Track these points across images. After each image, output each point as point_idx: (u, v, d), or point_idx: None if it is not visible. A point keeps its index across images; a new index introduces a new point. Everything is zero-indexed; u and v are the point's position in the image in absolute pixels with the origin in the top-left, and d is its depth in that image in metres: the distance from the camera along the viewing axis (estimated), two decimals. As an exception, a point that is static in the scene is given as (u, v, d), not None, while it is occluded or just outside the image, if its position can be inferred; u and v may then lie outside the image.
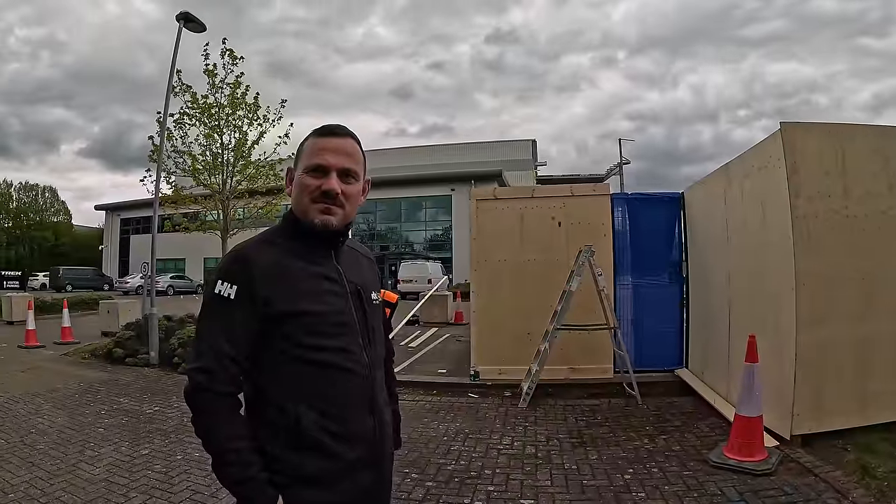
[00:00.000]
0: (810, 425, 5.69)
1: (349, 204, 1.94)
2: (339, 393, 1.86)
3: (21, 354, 13.33)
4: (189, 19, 12.94)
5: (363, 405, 1.92)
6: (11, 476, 5.44)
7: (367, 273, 2.12)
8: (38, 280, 48.92)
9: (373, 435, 1.93)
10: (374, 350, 1.99)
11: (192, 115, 14.21)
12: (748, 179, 6.68)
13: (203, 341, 1.82)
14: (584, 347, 8.69)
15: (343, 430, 1.85)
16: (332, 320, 1.88)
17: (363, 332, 1.95)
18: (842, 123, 6.11)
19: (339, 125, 1.99)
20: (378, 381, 2.00)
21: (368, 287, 2.06)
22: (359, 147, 2.00)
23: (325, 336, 1.85)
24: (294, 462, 1.80)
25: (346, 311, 1.92)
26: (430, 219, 48.55)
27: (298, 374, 1.82)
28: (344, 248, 2.04)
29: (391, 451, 2.12)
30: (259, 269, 1.81)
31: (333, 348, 1.86)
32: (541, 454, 5.97)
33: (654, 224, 9.33)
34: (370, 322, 2.00)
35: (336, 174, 1.90)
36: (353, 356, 1.90)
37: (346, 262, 2.02)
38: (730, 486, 4.89)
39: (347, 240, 2.08)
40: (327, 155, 1.90)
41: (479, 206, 9.39)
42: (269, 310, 1.79)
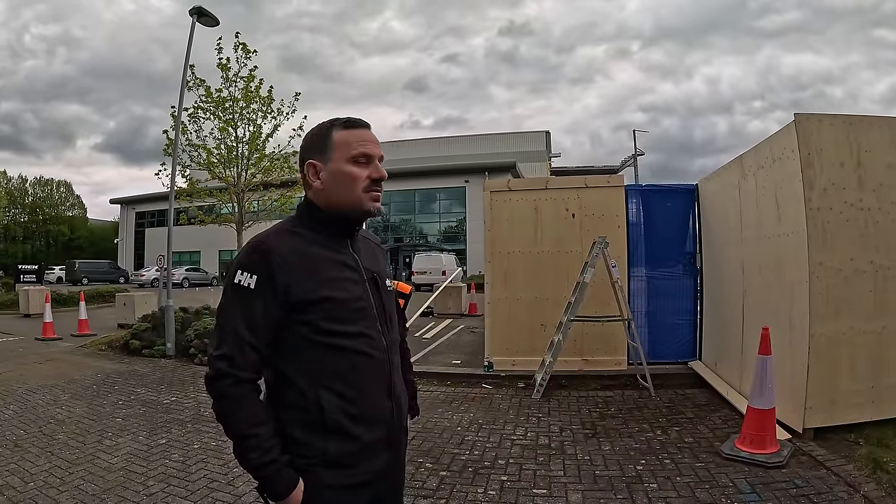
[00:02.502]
0: (822, 418, 5.68)
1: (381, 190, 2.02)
2: (359, 376, 1.90)
3: (39, 346, 13.45)
4: (202, 13, 12.97)
5: (381, 388, 1.97)
6: (31, 465, 5.51)
7: (380, 261, 2.17)
8: (55, 273, 49.24)
9: (390, 417, 1.99)
10: (391, 334, 2.04)
11: (206, 108, 14.22)
12: (762, 171, 6.66)
13: (224, 330, 1.84)
14: (598, 339, 8.72)
15: (362, 412, 1.90)
16: (352, 306, 1.91)
17: (381, 317, 2.00)
18: (857, 115, 6.07)
19: (359, 118, 2.03)
20: (395, 364, 2.05)
21: (383, 274, 2.11)
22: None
23: (345, 322, 1.89)
24: (315, 444, 1.85)
25: (364, 297, 1.96)
26: (444, 210, 48.57)
27: (319, 358, 1.86)
28: (358, 237, 2.07)
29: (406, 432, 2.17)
30: (278, 257, 1.83)
31: (353, 333, 1.89)
32: (554, 445, 6.00)
33: (668, 216, 9.32)
34: (386, 307, 2.06)
35: (378, 161, 1.98)
36: (371, 341, 1.94)
37: (362, 250, 2.06)
38: (741, 478, 4.90)
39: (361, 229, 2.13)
40: (370, 145, 1.96)
41: (494, 197, 9.39)
42: (290, 298, 1.82)
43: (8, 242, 71.67)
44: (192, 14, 12.95)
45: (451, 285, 19.39)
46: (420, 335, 13.79)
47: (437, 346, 12.43)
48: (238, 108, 14.19)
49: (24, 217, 75.57)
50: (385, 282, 2.11)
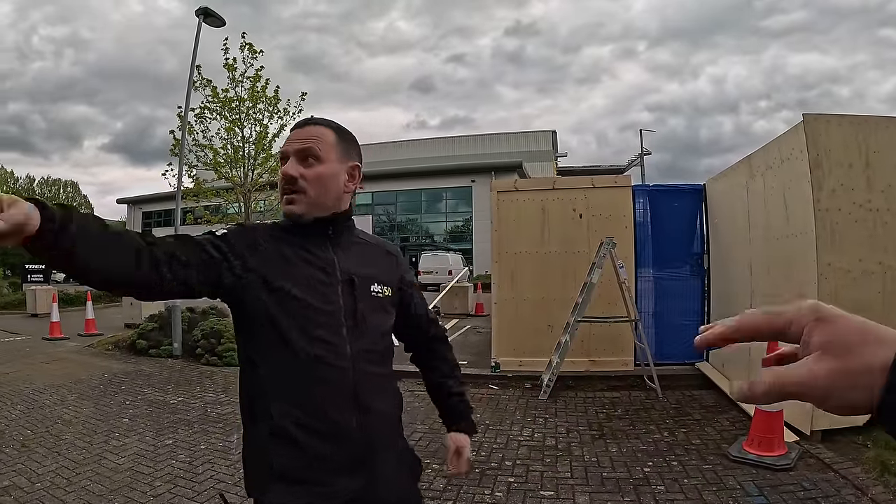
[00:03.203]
0: (830, 421, 5.65)
1: (313, 188, 1.84)
2: (313, 384, 1.77)
3: (46, 346, 13.48)
4: (208, 14, 13.00)
5: (342, 400, 1.79)
6: (38, 465, 5.52)
7: (375, 265, 2.00)
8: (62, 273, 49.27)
9: (357, 433, 1.80)
10: (362, 342, 1.85)
11: (212, 109, 14.27)
12: (771, 171, 6.64)
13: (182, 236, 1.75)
14: (605, 340, 8.70)
15: (316, 424, 1.75)
16: (313, 307, 1.79)
17: (349, 323, 1.83)
18: (865, 115, 6.06)
19: (308, 117, 1.96)
20: (366, 375, 1.84)
21: (370, 278, 1.94)
22: (330, 130, 1.92)
23: (304, 322, 1.77)
24: (262, 447, 1.77)
25: (332, 300, 1.83)
26: (450, 210, 48.49)
27: (274, 356, 1.77)
28: (350, 238, 1.98)
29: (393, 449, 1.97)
30: (251, 235, 1.83)
31: (310, 336, 1.77)
32: (561, 446, 5.99)
33: (676, 216, 9.30)
34: (361, 313, 1.87)
35: (294, 158, 1.85)
36: (331, 347, 1.79)
37: (347, 253, 1.93)
38: (749, 480, 4.89)
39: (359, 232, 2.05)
40: (288, 143, 1.88)
41: (501, 197, 9.38)
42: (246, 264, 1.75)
43: (15, 242, 71.69)
44: (198, 14, 12.99)
45: (457, 285, 19.36)
46: (426, 335, 13.72)
47: (443, 346, 12.35)
48: (244, 108, 14.21)
49: (31, 217, 75.60)
50: (370, 286, 1.94)
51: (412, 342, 2.29)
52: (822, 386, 0.61)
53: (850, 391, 0.59)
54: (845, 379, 0.60)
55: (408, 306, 2.14)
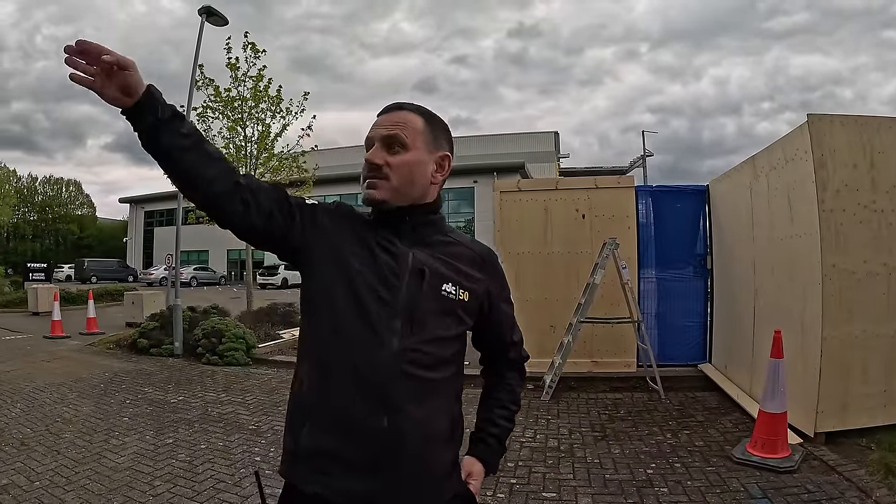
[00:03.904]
0: (834, 423, 5.64)
1: (397, 175, 1.76)
2: (346, 372, 1.66)
3: (47, 345, 13.50)
4: (211, 13, 13.02)
5: (374, 397, 1.65)
6: (37, 464, 5.50)
7: (456, 265, 1.85)
8: (64, 272, 49.33)
9: (383, 436, 1.64)
10: (414, 341, 1.70)
11: (215, 108, 14.28)
12: (775, 172, 6.61)
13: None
14: (608, 341, 8.68)
15: (342, 413, 1.66)
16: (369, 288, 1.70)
17: (404, 316, 1.70)
18: (869, 116, 6.03)
19: (395, 102, 1.87)
20: (414, 378, 1.68)
21: (442, 275, 1.79)
22: (419, 117, 1.83)
23: (355, 303, 1.69)
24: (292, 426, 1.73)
25: (394, 288, 1.72)
26: (452, 210, 48.45)
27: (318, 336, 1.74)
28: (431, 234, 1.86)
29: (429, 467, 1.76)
30: (336, 213, 1.83)
31: (357, 319, 1.68)
32: (563, 447, 5.96)
33: (679, 217, 9.26)
34: (422, 309, 1.73)
35: (379, 144, 1.78)
36: (378, 336, 1.67)
37: (426, 247, 1.82)
38: (752, 482, 4.86)
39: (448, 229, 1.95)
40: (374, 128, 1.81)
41: (503, 197, 9.35)
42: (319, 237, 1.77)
43: (17, 241, 71.97)
44: (200, 13, 13.01)
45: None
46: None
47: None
48: (247, 107, 14.23)
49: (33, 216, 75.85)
50: (441, 284, 1.78)
51: (484, 357, 2.18)
52: None
53: None
54: None
55: (487, 318, 1.98)
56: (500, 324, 2.04)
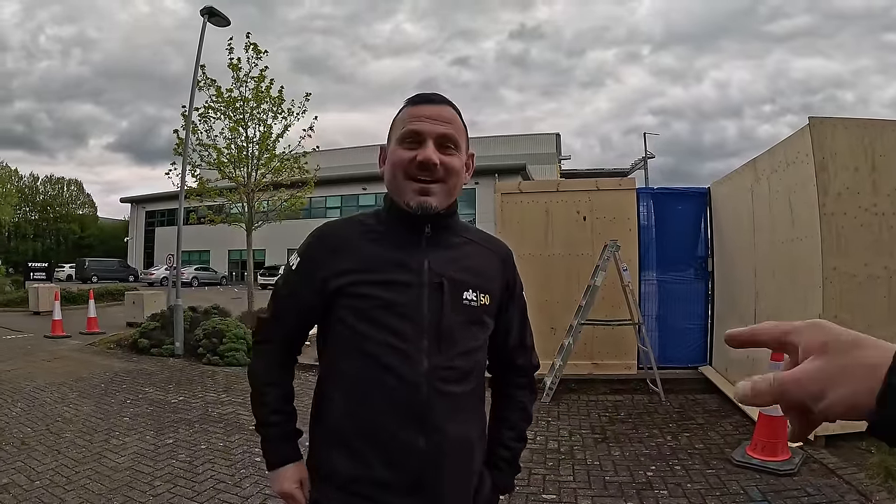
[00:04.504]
0: (834, 426, 5.63)
1: (451, 179, 1.68)
2: (381, 395, 1.62)
3: (47, 344, 13.48)
4: (213, 13, 13.04)
5: (410, 419, 1.61)
6: (38, 463, 5.50)
7: (475, 268, 1.77)
8: (65, 271, 49.30)
9: (418, 458, 1.61)
10: (444, 357, 1.65)
11: (216, 108, 14.27)
12: (776, 175, 6.62)
13: (272, 299, 1.88)
14: (608, 343, 8.68)
15: (377, 438, 1.62)
16: (391, 311, 1.63)
17: (431, 333, 1.64)
18: (871, 119, 6.03)
19: (435, 93, 1.76)
20: (445, 395, 1.64)
21: (463, 283, 1.71)
22: (457, 115, 1.75)
23: (380, 327, 1.62)
24: (322, 452, 1.71)
25: (415, 304, 1.64)
26: (453, 212, 48.44)
27: (345, 361, 1.67)
28: (448, 237, 1.77)
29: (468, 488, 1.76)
30: (327, 243, 1.74)
31: (384, 343, 1.61)
32: (563, 449, 5.96)
33: (680, 219, 9.27)
34: (446, 323, 1.66)
35: (433, 142, 1.64)
36: (405, 358, 1.61)
37: (444, 252, 1.73)
38: (752, 485, 4.86)
39: (462, 227, 1.84)
40: (422, 121, 1.66)
41: (505, 199, 9.35)
42: (326, 284, 1.68)
43: (18, 240, 72.02)
44: (203, 14, 13.03)
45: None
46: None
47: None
48: (248, 108, 14.21)
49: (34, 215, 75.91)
50: (463, 294, 1.71)
51: (492, 361, 1.98)
52: (818, 381, 0.63)
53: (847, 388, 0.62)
54: (842, 377, 0.62)
55: (500, 318, 1.87)
56: (511, 322, 1.93)
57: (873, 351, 0.63)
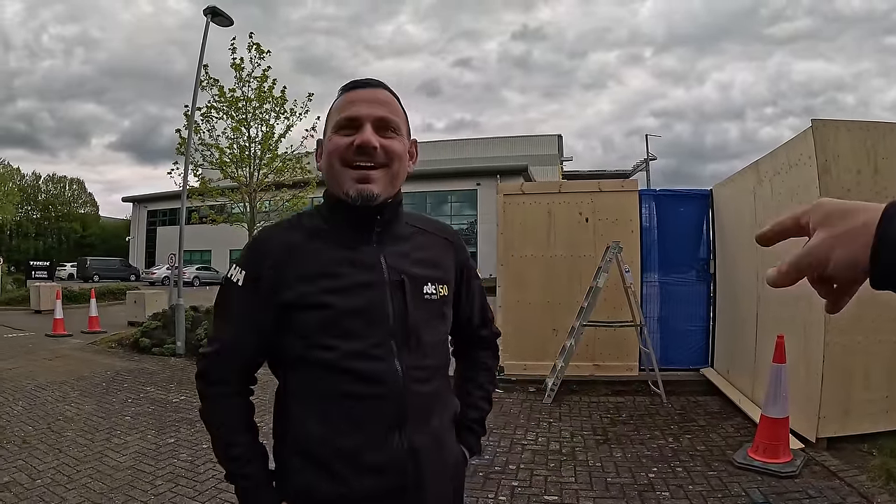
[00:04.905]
0: (836, 428, 5.63)
1: (393, 164, 1.59)
2: (354, 406, 1.55)
3: (49, 343, 13.49)
4: (216, 13, 13.04)
5: (388, 425, 1.56)
6: (39, 462, 5.51)
7: (431, 260, 1.73)
8: (66, 270, 49.30)
9: (400, 465, 1.57)
10: (414, 357, 1.60)
11: (219, 108, 14.30)
12: (778, 177, 6.60)
13: (215, 327, 1.73)
14: (610, 344, 8.67)
15: (355, 450, 1.54)
16: (356, 317, 1.55)
17: (399, 335, 1.58)
18: (873, 121, 6.02)
19: (370, 78, 1.67)
20: (419, 395, 1.61)
21: (423, 277, 1.67)
22: (396, 99, 1.67)
23: (345, 336, 1.53)
24: (297, 475, 1.59)
25: (378, 306, 1.57)
26: (455, 213, 48.46)
27: (311, 376, 1.57)
28: (398, 228, 1.70)
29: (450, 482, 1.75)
30: (272, 252, 1.59)
31: (353, 352, 1.53)
32: (565, 450, 5.95)
33: (682, 221, 9.26)
34: (412, 321, 1.60)
35: (371, 126, 1.56)
36: (378, 363, 1.55)
37: (397, 245, 1.67)
38: (754, 487, 4.85)
39: (408, 215, 1.76)
40: (358, 105, 1.57)
41: (507, 200, 9.35)
42: (281, 300, 1.55)
43: (20, 239, 72.14)
44: (206, 14, 13.04)
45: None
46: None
47: (446, 348, 12.31)
48: (251, 107, 14.26)
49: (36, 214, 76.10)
50: (422, 288, 1.66)
51: (457, 339, 1.98)
52: (825, 249, 0.75)
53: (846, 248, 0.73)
54: (841, 239, 0.73)
55: (458, 298, 1.84)
56: (472, 304, 1.93)
57: (864, 214, 0.72)
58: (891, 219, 0.70)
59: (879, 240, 0.70)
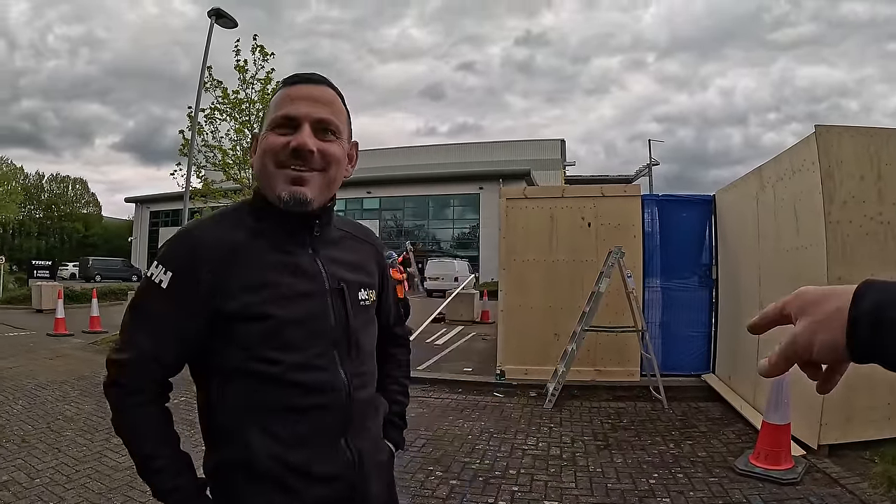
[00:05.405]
0: (837, 435, 5.61)
1: (330, 169, 1.53)
2: (302, 419, 1.50)
3: (50, 342, 13.51)
4: (220, 15, 13.11)
5: (335, 434, 1.55)
6: (38, 461, 5.50)
7: (360, 264, 1.72)
8: (68, 270, 49.34)
9: (348, 471, 1.56)
10: (355, 364, 1.59)
11: (222, 110, 14.32)
12: (781, 183, 6.59)
13: (126, 332, 1.52)
14: (611, 349, 8.65)
15: (305, 463, 1.49)
16: (299, 328, 1.50)
17: (341, 344, 1.56)
18: (877, 128, 6.01)
19: (314, 72, 1.59)
20: (360, 402, 1.60)
21: (357, 283, 1.66)
22: (340, 99, 1.59)
23: (288, 347, 1.48)
24: (242, 494, 1.51)
25: (321, 315, 1.54)
26: (457, 217, 48.48)
27: (252, 390, 1.48)
28: (330, 232, 1.65)
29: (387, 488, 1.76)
30: (208, 252, 1.46)
31: (297, 363, 1.48)
32: (565, 456, 5.94)
33: (685, 226, 9.25)
34: (353, 328, 1.59)
35: (309, 127, 1.49)
36: (323, 373, 1.52)
37: (331, 251, 1.63)
38: (755, 494, 4.84)
39: (336, 219, 1.69)
40: (298, 103, 1.50)
41: (510, 204, 9.35)
42: (217, 307, 1.45)
43: (22, 238, 72.29)
44: (210, 15, 13.08)
45: (463, 292, 19.29)
46: (431, 341, 13.73)
47: (448, 352, 12.36)
48: (254, 109, 14.25)
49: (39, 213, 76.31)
50: (358, 295, 1.65)
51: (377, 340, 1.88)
52: (807, 336, 0.80)
53: (826, 333, 0.78)
54: (819, 326, 0.79)
55: (380, 300, 1.84)
56: (389, 304, 1.94)
57: (837, 300, 0.78)
58: (862, 297, 0.76)
59: (853, 320, 0.75)
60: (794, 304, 0.83)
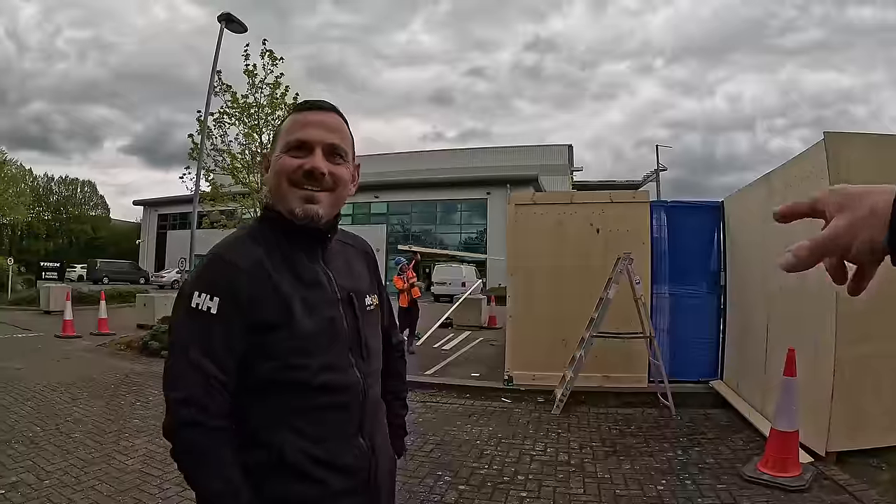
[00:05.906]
0: (845, 442, 5.59)
1: (338, 189, 1.67)
2: (326, 417, 1.61)
3: (58, 344, 13.58)
4: (230, 20, 13.16)
5: (353, 429, 1.67)
6: (47, 463, 5.53)
7: (360, 272, 1.85)
8: (76, 272, 49.53)
9: (365, 461, 1.69)
10: (367, 365, 1.72)
11: (231, 114, 14.37)
12: (790, 190, 6.57)
13: (182, 365, 1.52)
14: (619, 356, 8.63)
15: (329, 456, 1.60)
16: (321, 335, 1.61)
17: (355, 347, 1.69)
18: (886, 134, 6.01)
19: (322, 100, 1.73)
20: (372, 399, 1.75)
21: (362, 291, 1.79)
22: (346, 125, 1.74)
23: (312, 353, 1.58)
24: (275, 490, 1.56)
25: (337, 322, 1.66)
26: (465, 222, 48.44)
27: (282, 396, 1.56)
28: (334, 245, 1.77)
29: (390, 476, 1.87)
30: (242, 273, 1.55)
31: (319, 367, 1.58)
32: (573, 462, 5.94)
33: (693, 233, 9.25)
34: (363, 333, 1.72)
35: (321, 151, 1.63)
36: (342, 375, 1.64)
37: (337, 262, 1.76)
38: (763, 501, 4.84)
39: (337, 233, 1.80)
40: (310, 129, 1.63)
41: (518, 210, 9.37)
42: (256, 321, 1.52)
43: (31, 240, 72.54)
44: (220, 20, 13.13)
45: (470, 297, 19.28)
46: (439, 346, 13.77)
47: (455, 357, 12.39)
48: (263, 114, 14.29)
49: (47, 215, 76.56)
50: (364, 300, 1.77)
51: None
52: (844, 234, 0.79)
53: (865, 231, 0.77)
54: (860, 223, 0.77)
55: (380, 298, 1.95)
56: (384, 311, 2.03)
57: (878, 196, 0.77)
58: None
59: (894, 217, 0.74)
60: (832, 199, 0.82)
